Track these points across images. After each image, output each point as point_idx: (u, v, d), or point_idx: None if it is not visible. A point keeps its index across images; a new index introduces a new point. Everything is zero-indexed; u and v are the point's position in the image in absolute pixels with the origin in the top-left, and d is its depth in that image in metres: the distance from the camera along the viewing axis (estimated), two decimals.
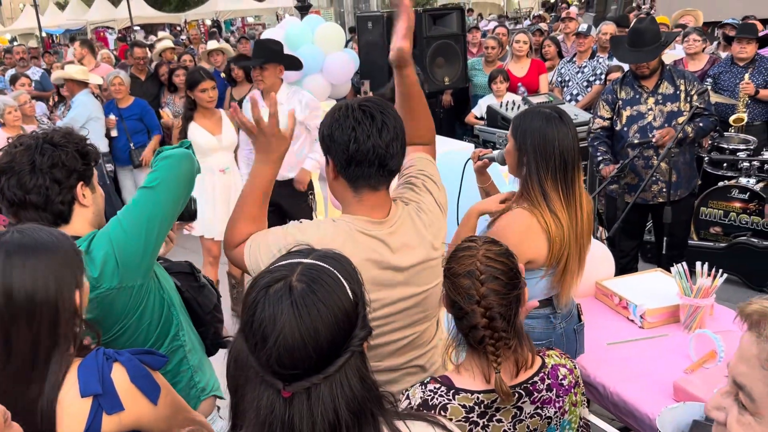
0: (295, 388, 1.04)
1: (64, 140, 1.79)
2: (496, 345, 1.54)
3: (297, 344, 1.03)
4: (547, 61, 7.18)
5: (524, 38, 6.77)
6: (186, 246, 4.79)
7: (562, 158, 2.16)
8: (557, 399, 1.65)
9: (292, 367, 1.04)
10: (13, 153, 1.75)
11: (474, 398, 1.57)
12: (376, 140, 1.66)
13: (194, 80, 4.44)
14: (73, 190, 1.79)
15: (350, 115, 1.68)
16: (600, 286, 3.08)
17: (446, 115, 7.09)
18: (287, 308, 1.05)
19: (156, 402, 1.48)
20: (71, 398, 1.39)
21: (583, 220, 2.24)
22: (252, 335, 1.07)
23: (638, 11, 12.25)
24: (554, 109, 2.25)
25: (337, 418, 1.03)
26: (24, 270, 1.36)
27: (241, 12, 25.88)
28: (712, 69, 5.91)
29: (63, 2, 30.69)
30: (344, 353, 1.07)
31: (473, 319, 1.54)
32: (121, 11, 22.82)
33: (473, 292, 1.54)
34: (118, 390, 1.42)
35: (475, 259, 1.57)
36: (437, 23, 6.53)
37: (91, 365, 1.42)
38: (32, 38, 23.20)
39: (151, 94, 6.97)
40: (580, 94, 6.30)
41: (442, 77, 6.52)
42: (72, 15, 25.85)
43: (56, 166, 1.74)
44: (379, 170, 1.71)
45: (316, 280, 1.08)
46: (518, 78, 6.51)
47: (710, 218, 5.13)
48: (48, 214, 1.76)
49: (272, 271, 1.11)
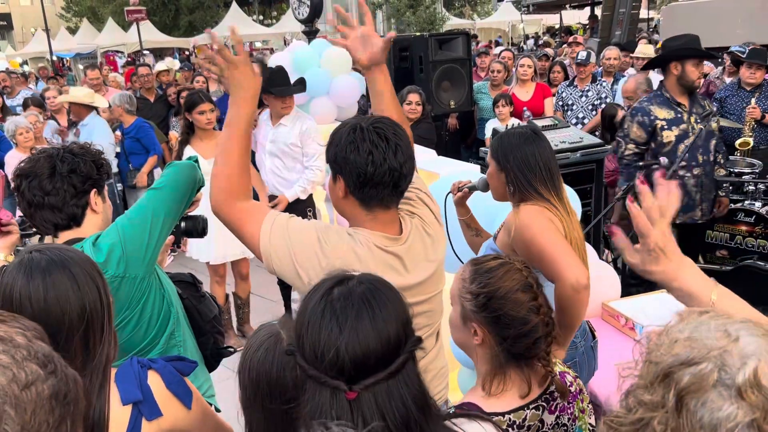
0: (361, 387, 1.05)
1: (82, 151, 1.98)
2: (548, 349, 1.54)
3: (370, 342, 1.05)
4: (554, 87, 7.23)
5: (528, 62, 6.83)
6: (188, 265, 4.79)
7: (547, 168, 2.19)
8: (568, 405, 1.65)
9: (362, 366, 1.05)
10: (36, 159, 1.92)
11: (506, 420, 1.53)
12: (392, 163, 1.66)
13: (192, 102, 4.41)
14: (87, 196, 1.95)
15: (366, 138, 1.66)
16: (606, 307, 3.08)
17: (452, 138, 7.14)
18: (357, 307, 1.07)
19: (190, 407, 1.52)
20: (113, 406, 1.41)
21: (576, 228, 2.23)
22: (318, 339, 1.07)
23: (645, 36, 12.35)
24: (528, 128, 2.30)
25: (408, 412, 1.05)
26: (61, 284, 1.37)
27: (249, 36, 26.20)
28: (719, 92, 5.95)
29: (74, 27, 31.17)
30: (403, 353, 1.09)
31: (538, 331, 1.51)
32: (131, 36, 23.15)
33: (533, 303, 1.52)
34: (155, 396, 1.46)
35: (521, 273, 1.56)
36: (443, 48, 6.60)
37: (128, 373, 1.46)
38: (43, 61, 23.49)
39: (159, 116, 7.05)
40: (586, 117, 6.34)
41: (447, 101, 6.57)
42: (82, 39, 26.25)
43: (74, 172, 1.92)
44: (393, 191, 1.72)
45: (375, 283, 1.13)
46: (523, 102, 6.56)
47: (716, 241, 5.12)
48: (63, 215, 1.93)
49: (327, 281, 1.14)
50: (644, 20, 19.71)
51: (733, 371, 0.78)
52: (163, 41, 25.58)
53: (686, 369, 0.81)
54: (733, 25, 9.42)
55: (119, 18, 25.75)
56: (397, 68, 6.55)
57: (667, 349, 0.85)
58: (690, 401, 0.79)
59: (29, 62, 26.55)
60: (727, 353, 0.80)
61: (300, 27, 8.49)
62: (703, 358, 0.81)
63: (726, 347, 0.80)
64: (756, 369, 0.78)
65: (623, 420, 0.86)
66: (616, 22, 12.33)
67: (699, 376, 0.79)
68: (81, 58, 25.76)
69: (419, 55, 6.45)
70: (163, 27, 27.89)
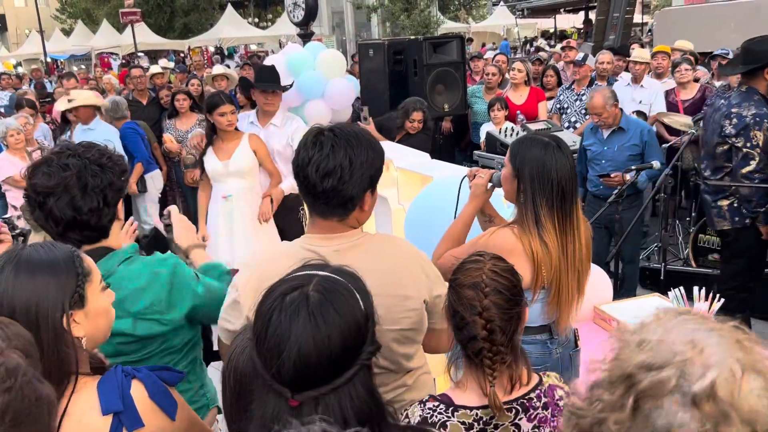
0: (304, 398, 1.04)
1: (110, 162, 1.89)
2: (493, 359, 1.56)
3: (311, 353, 1.04)
4: (548, 91, 7.25)
5: (520, 66, 6.85)
6: None
7: (560, 187, 2.15)
8: (552, 419, 1.65)
9: (303, 377, 1.05)
10: (61, 175, 1.80)
11: (473, 414, 1.58)
12: (311, 170, 1.66)
13: (213, 103, 4.39)
14: (116, 208, 1.91)
15: (308, 142, 1.70)
16: (598, 310, 3.08)
17: (446, 142, 7.15)
18: (303, 317, 1.06)
19: (174, 418, 1.49)
20: (93, 416, 1.38)
21: (582, 248, 2.24)
22: (265, 343, 1.07)
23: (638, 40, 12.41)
24: (552, 138, 2.25)
25: (346, 426, 1.04)
26: (16, 286, 1.37)
27: (244, 39, 26.20)
28: (710, 98, 5.97)
29: (68, 28, 31.09)
30: (354, 365, 1.08)
31: (473, 329, 1.57)
32: (125, 37, 23.10)
33: (476, 303, 1.57)
34: (137, 406, 1.42)
35: (482, 272, 1.61)
36: (437, 51, 6.62)
37: (110, 382, 1.42)
38: (37, 63, 23.42)
39: (152, 119, 7.01)
40: (578, 122, 6.36)
41: (441, 104, 6.58)
42: (77, 41, 26.19)
43: (107, 187, 1.85)
44: (314, 200, 1.71)
45: (332, 291, 1.10)
46: (517, 106, 6.58)
47: (709, 245, 5.15)
48: (94, 232, 1.87)
49: (288, 280, 1.13)
50: (638, 25, 19.81)
51: (692, 380, 0.80)
52: (158, 43, 25.54)
53: (647, 373, 0.82)
54: (726, 30, 9.48)
55: (114, 20, 25.71)
56: (392, 72, 6.55)
57: (634, 349, 0.86)
58: (645, 404, 0.81)
59: (23, 64, 26.46)
60: (690, 362, 0.81)
61: (295, 30, 8.49)
62: (666, 363, 0.82)
63: (690, 356, 0.82)
64: (714, 380, 0.79)
65: (585, 413, 0.88)
66: (610, 26, 12.39)
67: (658, 381, 0.81)
68: (75, 60, 25.71)
69: (414, 58, 6.46)
70: (158, 29, 27.82)
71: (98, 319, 1.49)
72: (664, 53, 7.37)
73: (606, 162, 4.69)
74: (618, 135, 4.67)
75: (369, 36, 25.79)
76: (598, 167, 4.73)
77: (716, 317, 0.90)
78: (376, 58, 6.66)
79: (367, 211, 1.81)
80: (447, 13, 28.22)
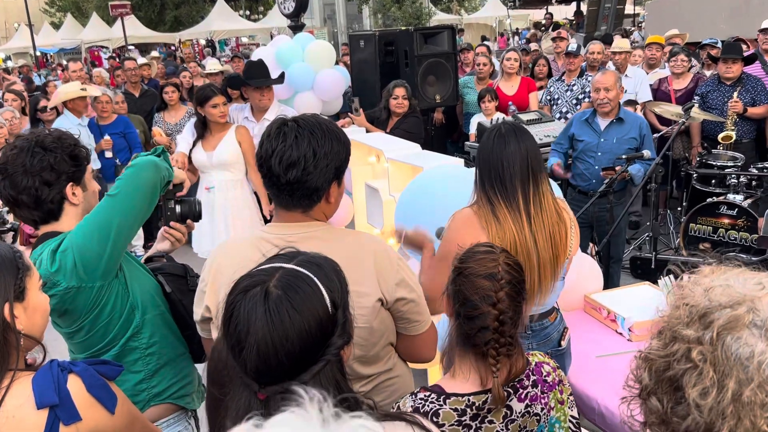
0: (270, 392, 1.05)
1: (54, 144, 1.90)
2: (499, 350, 1.56)
3: (270, 351, 1.05)
4: (539, 81, 7.24)
5: (515, 56, 6.84)
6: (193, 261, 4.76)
7: (509, 171, 2.19)
8: (542, 395, 1.67)
9: (266, 372, 1.05)
10: (8, 155, 1.87)
11: (465, 401, 1.58)
12: (274, 161, 1.65)
13: (205, 96, 4.34)
14: (62, 191, 1.91)
15: (272, 131, 1.70)
16: (588, 299, 3.09)
17: (437, 133, 7.14)
18: (261, 315, 1.06)
19: (113, 411, 1.48)
20: (27, 411, 1.37)
21: (550, 231, 2.21)
22: (230, 337, 1.08)
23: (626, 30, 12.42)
24: (512, 125, 2.29)
25: None
26: None
27: (235, 32, 26.05)
28: (700, 88, 6.00)
29: (58, 21, 30.86)
30: (320, 361, 1.07)
31: (485, 320, 1.56)
32: (115, 31, 22.96)
33: (492, 293, 1.56)
34: (74, 400, 1.41)
35: (497, 263, 1.60)
36: (428, 42, 6.59)
37: (45, 377, 1.41)
38: (26, 57, 23.25)
39: (144, 111, 6.98)
40: (569, 112, 6.35)
41: (433, 95, 6.56)
42: (67, 34, 26.00)
43: (46, 169, 1.86)
44: (278, 191, 1.70)
45: (292, 287, 1.09)
46: (508, 96, 6.57)
47: (699, 234, 5.16)
48: (39, 212, 1.91)
49: (253, 274, 1.12)
50: (630, 15, 19.81)
51: (763, 315, 0.93)
52: (149, 36, 25.37)
53: (722, 310, 0.95)
54: (717, 20, 9.50)
55: (104, 13, 25.56)
56: (383, 63, 6.53)
57: (703, 293, 0.99)
58: (726, 336, 0.93)
59: (12, 58, 26.25)
60: (759, 300, 0.94)
61: (286, 22, 8.44)
62: (738, 302, 0.95)
63: (759, 295, 0.95)
64: None
65: (660, 353, 1.00)
66: (601, 17, 12.40)
67: (735, 316, 0.93)
68: (65, 54, 25.51)
69: (404, 49, 6.44)
70: (149, 22, 27.66)
71: (35, 315, 1.49)
72: (658, 44, 7.39)
73: (602, 154, 4.42)
74: (616, 126, 4.43)
75: (361, 28, 25.71)
76: (592, 160, 4.47)
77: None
78: (367, 49, 6.63)
79: (334, 204, 1.79)
80: (439, 5, 28.14)
